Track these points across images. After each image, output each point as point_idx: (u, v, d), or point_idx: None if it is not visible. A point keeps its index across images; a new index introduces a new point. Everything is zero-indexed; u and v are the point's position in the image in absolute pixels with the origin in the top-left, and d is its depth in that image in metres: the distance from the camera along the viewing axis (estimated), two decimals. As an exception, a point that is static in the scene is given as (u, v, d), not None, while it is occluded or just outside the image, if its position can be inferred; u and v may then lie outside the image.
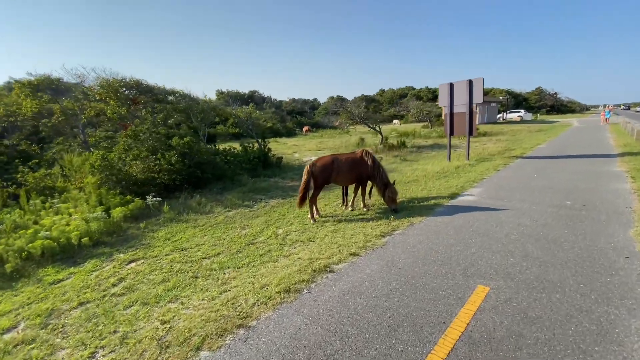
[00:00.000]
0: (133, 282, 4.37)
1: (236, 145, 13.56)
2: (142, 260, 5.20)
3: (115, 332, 3.20)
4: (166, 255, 5.30)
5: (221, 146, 15.55)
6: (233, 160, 11.51)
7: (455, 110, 12.52)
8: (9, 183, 7.79)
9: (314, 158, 16.30)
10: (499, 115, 43.09)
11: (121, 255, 5.47)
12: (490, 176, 9.47)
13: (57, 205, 6.98)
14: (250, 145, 13.35)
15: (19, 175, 8.07)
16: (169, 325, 3.18)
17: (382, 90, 72.44)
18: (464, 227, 5.14)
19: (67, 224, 6.14)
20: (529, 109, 60.23)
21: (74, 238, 5.61)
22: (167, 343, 2.91)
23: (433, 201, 6.84)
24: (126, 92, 12.96)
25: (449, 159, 13.30)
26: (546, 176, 9.03)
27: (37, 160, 10.14)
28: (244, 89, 56.90)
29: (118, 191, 8.34)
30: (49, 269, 5.11)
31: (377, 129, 18.92)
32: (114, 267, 4.99)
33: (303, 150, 20.18)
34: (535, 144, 17.36)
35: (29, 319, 3.55)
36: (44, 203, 7.41)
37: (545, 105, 64.52)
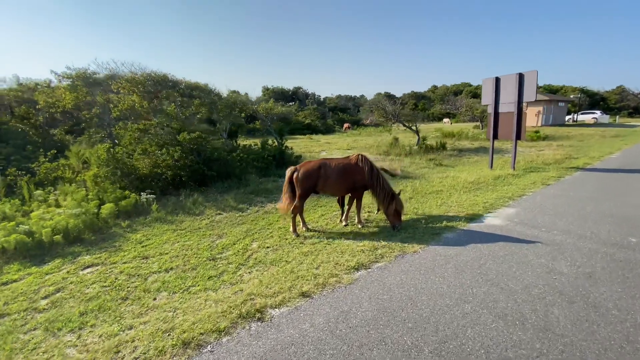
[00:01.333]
0: (65, 295, 3.93)
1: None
2: (99, 267, 4.80)
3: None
4: (124, 263, 4.85)
5: (244, 142, 15.33)
6: (246, 158, 11.04)
7: (502, 109, 10.64)
8: (24, 172, 8.10)
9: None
10: (568, 117, 37.73)
11: (86, 257, 5.15)
12: (533, 192, 7.71)
13: (53, 198, 7.01)
14: (271, 142, 12.83)
15: (34, 165, 8.37)
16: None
17: (435, 87, 68.12)
18: (470, 266, 3.88)
19: (51, 219, 6.04)
20: (608, 110, 52.14)
21: (44, 235, 5.43)
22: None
23: (446, 222, 5.55)
24: (158, 87, 13.14)
25: (491, 166, 11.44)
26: (610, 197, 7.06)
27: (69, 151, 10.65)
28: (289, 85, 57.34)
29: (120, 185, 8.26)
30: (14, 266, 4.94)
31: (414, 128, 17.28)
32: (67, 272, 4.65)
33: (332, 148, 19.26)
34: (606, 153, 14.41)
35: None
36: (48, 194, 7.55)
37: (628, 106, 55.21)
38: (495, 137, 11.05)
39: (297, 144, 21.19)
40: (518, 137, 10.24)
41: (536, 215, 5.85)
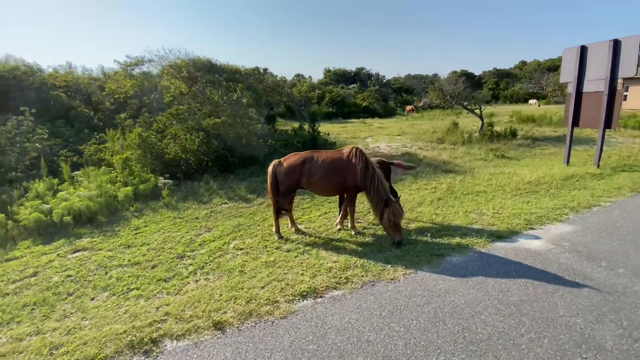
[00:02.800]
0: (33, 281, 4.03)
1: (321, 127, 12.71)
2: (85, 252, 4.93)
3: None
4: (107, 250, 4.90)
5: (286, 127, 15.02)
6: (273, 144, 10.69)
7: (587, 88, 8.19)
8: (73, 154, 9.00)
9: (382, 145, 14.10)
10: None
11: (84, 240, 5.36)
12: (612, 203, 5.70)
13: (84, 179, 7.59)
14: (307, 127, 12.27)
15: (82, 147, 9.25)
16: None
17: (523, 63, 58.64)
18: (456, 316, 2.80)
19: (68, 199, 6.49)
20: None
21: (55, 215, 5.82)
22: None
23: (461, 238, 4.31)
24: (197, 72, 13.50)
25: (567, 161, 9.10)
26: None
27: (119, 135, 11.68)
28: (352, 66, 55.27)
29: (149, 169, 8.62)
30: (26, 243, 5.38)
31: (478, 111, 14.86)
32: (58, 255, 4.86)
33: (381, 134, 17.85)
34: None
35: None
36: (86, 175, 8.26)
37: None
38: (575, 124, 8.66)
39: (346, 129, 20.22)
40: (607, 124, 7.79)
41: (600, 240, 4.19)
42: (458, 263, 3.70)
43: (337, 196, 5.54)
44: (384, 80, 46.22)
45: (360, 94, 36.04)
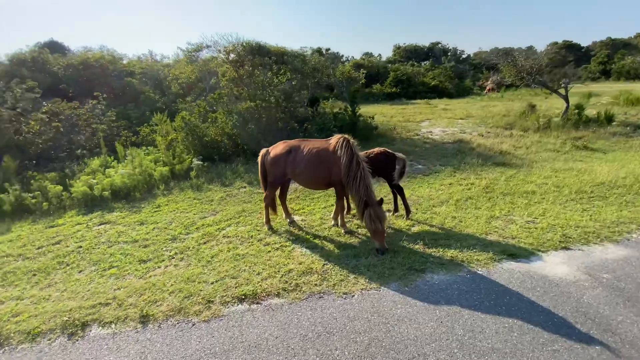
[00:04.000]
0: (53, 248, 4.64)
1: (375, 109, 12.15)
2: (108, 226, 5.51)
3: None
4: (124, 225, 5.39)
5: (334, 110, 14.53)
6: (309, 129, 10.44)
7: None
8: (131, 134, 10.14)
9: (436, 130, 12.74)
10: None
11: (113, 214, 6.01)
12: None
13: (129, 159, 8.49)
14: (343, 111, 11.71)
15: (140, 128, 10.35)
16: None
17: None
18: (395, 355, 2.27)
19: (110, 176, 7.33)
20: None
21: (95, 190, 6.63)
22: None
23: (461, 252, 3.55)
24: (247, 55, 13.82)
25: (674, 159, 6.91)
26: None
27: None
28: (426, 41, 50.51)
29: (190, 151, 9.25)
30: (72, 213, 6.27)
31: (563, 92, 12.23)
32: (87, 226, 5.54)
33: (443, 117, 16.12)
34: None
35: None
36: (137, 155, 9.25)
37: None
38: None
39: (404, 111, 18.83)
40: None
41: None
42: (437, 284, 3.05)
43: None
44: (463, 56, 41.49)
45: (430, 72, 33.09)
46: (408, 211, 4.82)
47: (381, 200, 3.94)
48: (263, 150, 4.66)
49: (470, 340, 2.36)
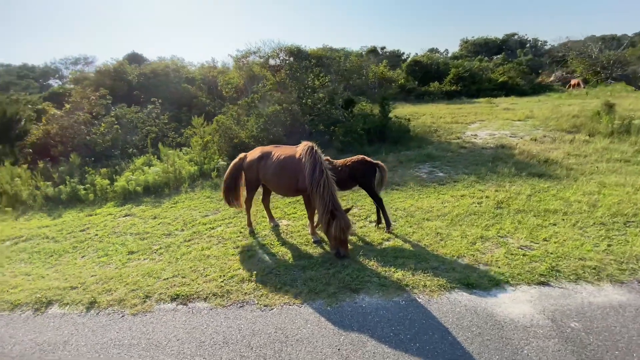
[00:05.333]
0: (78, 234, 5.51)
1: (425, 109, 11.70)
2: (129, 218, 6.33)
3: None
4: (139, 218, 6.12)
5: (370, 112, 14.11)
6: (337, 131, 10.35)
7: None
8: (177, 135, 11.33)
9: (483, 134, 11.62)
10: None
11: (137, 208, 6.86)
12: None
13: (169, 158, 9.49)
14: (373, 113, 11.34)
15: (184, 130, 11.50)
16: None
17: None
18: None
19: (146, 173, 8.32)
20: None
21: (129, 186, 7.61)
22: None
23: (413, 275, 3.21)
24: (288, 58, 14.28)
25: None
26: None
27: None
28: (499, 33, 45.38)
29: (223, 151, 10.00)
30: (111, 204, 7.33)
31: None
32: (113, 217, 6.44)
33: (499, 118, 14.56)
34: None
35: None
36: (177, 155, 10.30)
37: None
38: None
39: (458, 111, 17.48)
40: None
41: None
42: (364, 307, 2.84)
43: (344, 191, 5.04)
44: (544, 48, 36.50)
45: (500, 67, 29.99)
46: (388, 224, 4.53)
47: (348, 209, 3.80)
48: (241, 155, 4.84)
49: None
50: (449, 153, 9.18)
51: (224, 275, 3.53)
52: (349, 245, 3.72)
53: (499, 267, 3.30)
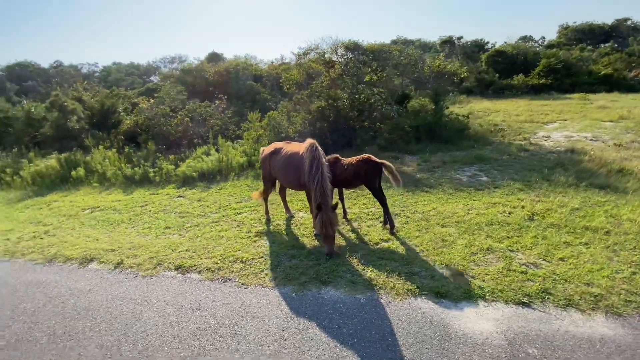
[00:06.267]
0: (137, 209, 6.67)
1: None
2: (180, 199, 7.38)
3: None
4: (187, 199, 7.09)
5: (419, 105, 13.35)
6: (376, 127, 10.18)
7: None
8: (236, 128, 12.47)
9: (558, 135, 10.26)
10: None
11: (190, 191, 7.94)
12: None
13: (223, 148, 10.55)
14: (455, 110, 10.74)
15: (244, 124, 12.59)
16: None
17: None
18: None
19: (203, 162, 9.44)
20: None
21: (187, 172, 8.77)
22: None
23: (388, 277, 3.20)
24: (346, 53, 14.43)
25: None
26: None
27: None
28: (608, 18, 37.71)
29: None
30: (172, 186, 8.59)
31: None
32: (169, 196, 7.58)
33: (587, 118, 12.52)
34: None
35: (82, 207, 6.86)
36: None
37: None
38: None
39: (541, 108, 15.54)
40: None
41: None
42: (325, 298, 2.97)
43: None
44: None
45: (606, 57, 25.44)
46: (391, 225, 4.47)
47: (335, 206, 3.92)
48: (262, 149, 5.25)
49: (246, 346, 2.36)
50: (504, 156, 8.38)
51: (223, 255, 4.01)
52: (335, 241, 3.82)
53: (484, 281, 3.07)
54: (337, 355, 2.32)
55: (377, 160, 4.53)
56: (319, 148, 4.23)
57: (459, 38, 29.88)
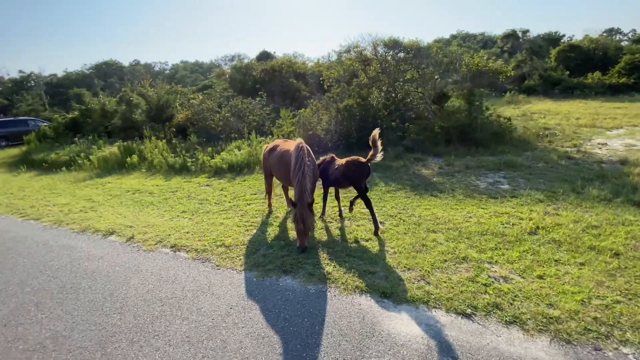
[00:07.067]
0: (167, 193, 7.55)
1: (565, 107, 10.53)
2: (207, 187, 8.17)
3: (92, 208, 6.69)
4: (212, 189, 7.82)
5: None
6: (411, 128, 9.94)
7: None
8: (271, 125, 13.11)
9: (617, 143, 9.13)
10: None
11: (218, 180, 8.72)
12: None
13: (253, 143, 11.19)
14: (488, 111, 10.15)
15: (278, 121, 13.20)
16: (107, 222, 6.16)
17: None
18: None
19: (235, 155, 10.18)
20: None
21: (218, 164, 9.57)
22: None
23: (350, 276, 3.31)
24: (387, 50, 14.23)
25: None
26: None
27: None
28: None
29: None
30: (205, 175, 9.49)
31: None
32: (199, 185, 8.41)
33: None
34: None
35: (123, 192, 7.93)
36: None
37: None
38: None
39: (612, 111, 13.83)
40: None
41: None
42: (279, 285, 3.21)
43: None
44: None
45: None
46: (376, 227, 4.51)
47: (311, 203, 4.10)
48: (264, 146, 5.61)
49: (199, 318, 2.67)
50: (541, 163, 7.75)
51: (214, 239, 4.46)
52: (307, 236, 3.99)
53: (437, 288, 3.02)
54: (263, 334, 2.57)
55: (364, 161, 4.58)
56: (305, 148, 4.44)
57: (525, 32, 27.22)
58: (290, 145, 4.87)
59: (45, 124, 18.81)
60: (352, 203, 5.05)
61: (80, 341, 2.65)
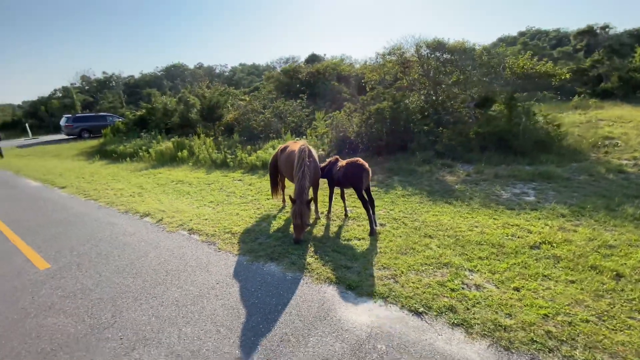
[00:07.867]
0: (204, 185, 8.46)
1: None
2: (239, 182, 8.97)
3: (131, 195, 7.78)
4: (243, 183, 8.60)
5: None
6: (444, 133, 9.69)
7: None
8: (308, 126, 13.64)
9: None
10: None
11: (251, 176, 9.49)
12: None
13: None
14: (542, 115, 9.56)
15: (314, 122, 13.68)
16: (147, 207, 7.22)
17: None
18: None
19: (268, 153, 10.89)
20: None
21: (250, 161, 10.37)
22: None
23: (326, 269, 3.59)
24: (430, 52, 13.96)
25: None
26: None
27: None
28: None
29: (335, 143, 11.56)
30: (240, 171, 10.37)
31: None
32: (232, 179, 9.26)
33: None
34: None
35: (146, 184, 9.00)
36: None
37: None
38: None
39: None
40: None
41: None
42: (264, 270, 3.63)
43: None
44: None
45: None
46: (372, 228, 4.69)
47: (309, 200, 4.44)
48: (279, 146, 6.09)
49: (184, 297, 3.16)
50: (583, 176, 7.20)
51: (224, 227, 5.05)
52: (303, 230, 4.34)
53: (402, 287, 3.17)
54: (235, 306, 3.00)
55: (365, 164, 4.78)
56: (307, 149, 4.81)
57: (604, 27, 24.24)
58: (296, 146, 5.27)
59: (119, 119, 21.75)
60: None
61: (100, 294, 3.36)
